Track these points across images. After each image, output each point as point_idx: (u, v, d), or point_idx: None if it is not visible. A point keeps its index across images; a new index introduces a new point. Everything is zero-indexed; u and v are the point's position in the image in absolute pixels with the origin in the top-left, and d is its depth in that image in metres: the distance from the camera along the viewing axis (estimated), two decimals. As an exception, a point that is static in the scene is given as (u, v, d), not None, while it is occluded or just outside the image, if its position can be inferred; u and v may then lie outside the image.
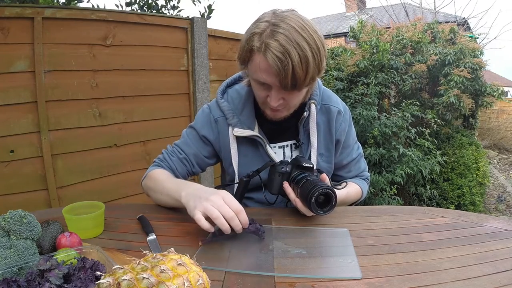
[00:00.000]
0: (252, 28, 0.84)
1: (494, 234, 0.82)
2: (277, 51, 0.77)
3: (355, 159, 1.13)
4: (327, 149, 1.06)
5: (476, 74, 3.71)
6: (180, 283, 0.47)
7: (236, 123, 1.01)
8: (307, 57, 0.79)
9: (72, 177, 1.93)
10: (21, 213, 0.69)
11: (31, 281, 0.56)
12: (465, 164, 3.70)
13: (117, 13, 2.17)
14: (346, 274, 0.66)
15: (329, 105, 1.05)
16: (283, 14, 0.83)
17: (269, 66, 0.80)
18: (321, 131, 1.04)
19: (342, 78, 3.86)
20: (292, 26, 0.79)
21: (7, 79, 1.69)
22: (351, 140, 1.12)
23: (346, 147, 1.10)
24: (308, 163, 0.92)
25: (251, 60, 0.85)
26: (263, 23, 0.82)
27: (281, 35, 0.78)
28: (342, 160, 1.11)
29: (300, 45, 0.78)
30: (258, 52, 0.82)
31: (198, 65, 2.50)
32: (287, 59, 0.77)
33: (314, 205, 0.82)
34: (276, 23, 0.80)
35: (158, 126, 2.33)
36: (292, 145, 1.06)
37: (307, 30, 0.80)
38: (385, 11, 8.44)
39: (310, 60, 0.79)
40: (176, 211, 1.07)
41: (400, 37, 3.96)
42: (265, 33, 0.80)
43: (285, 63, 0.78)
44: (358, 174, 1.16)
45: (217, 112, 1.05)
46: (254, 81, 0.90)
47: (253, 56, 0.84)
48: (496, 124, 7.65)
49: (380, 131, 3.11)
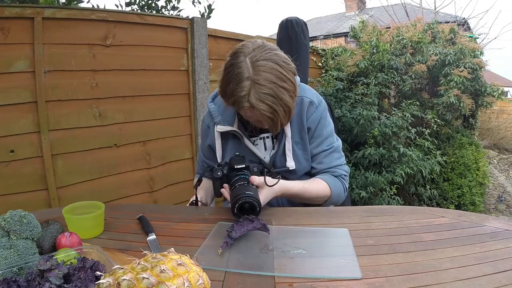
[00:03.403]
0: (235, 88, 0.92)
1: (494, 234, 0.82)
2: (267, 112, 0.92)
3: (326, 150, 1.13)
4: (301, 137, 1.12)
5: (476, 74, 3.71)
6: (180, 283, 0.47)
7: (219, 121, 1.14)
8: (290, 108, 0.95)
9: (72, 177, 1.93)
10: (21, 213, 0.69)
11: (31, 281, 0.56)
12: (465, 164, 3.69)
13: (117, 13, 2.17)
14: (346, 274, 0.66)
15: (302, 97, 1.11)
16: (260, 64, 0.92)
17: (260, 119, 0.97)
18: (295, 121, 1.11)
19: (342, 78, 3.86)
20: (272, 81, 0.91)
21: (7, 79, 1.69)
22: (324, 132, 1.13)
23: (317, 137, 1.13)
24: (240, 164, 1.00)
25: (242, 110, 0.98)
26: (245, 81, 0.91)
27: (266, 96, 0.91)
28: (313, 150, 1.13)
29: (284, 100, 0.93)
30: (250, 108, 0.94)
31: (198, 65, 2.50)
32: (276, 116, 0.94)
33: (238, 214, 0.88)
34: (257, 80, 0.91)
35: (158, 126, 2.33)
36: (272, 136, 1.15)
37: (284, 76, 0.93)
38: (385, 11, 8.44)
39: (291, 107, 0.96)
40: (176, 211, 1.07)
41: (400, 37, 3.95)
42: (251, 94, 0.91)
43: (274, 119, 0.94)
44: (329, 169, 1.13)
45: (208, 119, 1.19)
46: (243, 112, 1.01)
47: (245, 110, 0.97)
48: (496, 124, 7.65)
49: (380, 131, 3.11)
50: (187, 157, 2.53)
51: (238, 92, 0.92)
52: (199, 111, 2.53)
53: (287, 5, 55.18)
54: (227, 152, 1.15)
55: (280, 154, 1.10)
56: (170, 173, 2.41)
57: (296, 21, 2.17)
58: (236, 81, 0.92)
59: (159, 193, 2.36)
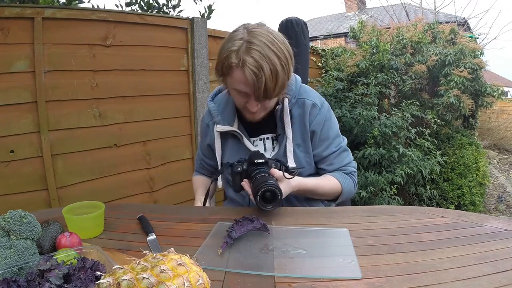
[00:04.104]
0: (229, 46, 0.94)
1: (494, 234, 0.82)
2: (253, 66, 0.90)
3: (335, 152, 1.14)
4: (303, 140, 1.12)
5: (476, 74, 3.71)
6: (180, 283, 0.47)
7: (219, 121, 1.14)
8: (276, 69, 0.91)
9: (72, 177, 1.93)
10: (21, 213, 0.69)
11: (31, 281, 0.56)
12: (465, 164, 3.69)
13: (117, 13, 2.17)
14: (346, 274, 0.66)
15: (304, 99, 1.12)
16: (255, 30, 0.94)
17: (246, 79, 0.92)
18: (296, 123, 1.11)
19: (342, 78, 3.86)
20: (264, 42, 0.91)
21: (7, 79, 1.69)
22: (331, 133, 1.14)
23: (324, 140, 1.13)
24: (260, 159, 1.00)
25: (230, 75, 0.96)
26: (238, 40, 0.93)
27: (255, 52, 0.90)
28: (322, 152, 1.14)
29: (271, 59, 0.90)
30: (236, 67, 0.93)
31: (198, 65, 2.50)
32: (260, 73, 0.90)
33: (261, 201, 0.90)
34: (250, 40, 0.92)
35: (158, 126, 2.33)
36: (272, 137, 1.15)
37: (276, 44, 0.92)
38: (385, 11, 8.43)
39: (279, 72, 0.92)
40: (176, 211, 1.07)
41: (400, 37, 3.95)
42: (241, 50, 0.91)
43: (259, 76, 0.90)
44: (341, 168, 1.16)
45: (208, 118, 1.20)
46: (233, 90, 1.00)
47: (232, 71, 0.94)
48: (496, 124, 7.65)
49: (380, 131, 3.11)
50: (187, 157, 2.53)
51: (229, 47, 0.93)
52: (199, 111, 2.53)
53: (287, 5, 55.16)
54: (226, 152, 1.15)
55: (281, 156, 1.10)
56: (170, 173, 2.41)
57: (296, 21, 2.17)
58: (230, 41, 0.95)
59: (159, 193, 2.36)
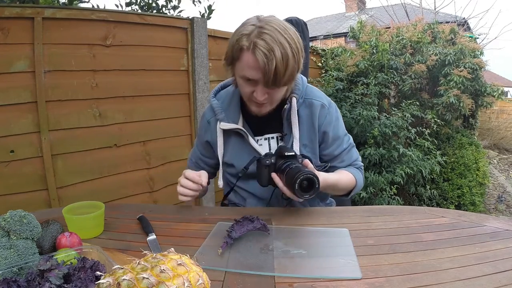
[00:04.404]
0: (240, 30, 0.94)
1: (494, 234, 0.82)
2: (264, 49, 0.88)
3: (346, 149, 1.17)
4: (310, 140, 1.12)
5: (476, 74, 3.71)
6: (180, 283, 0.47)
7: (223, 118, 1.11)
8: (287, 54, 0.89)
9: (72, 177, 1.93)
10: (21, 213, 0.69)
11: (31, 281, 0.56)
12: (465, 164, 3.69)
13: (117, 13, 2.16)
14: (346, 274, 0.66)
15: (312, 99, 1.11)
16: (267, 18, 0.94)
17: (257, 62, 0.90)
18: (304, 123, 1.10)
19: (342, 78, 3.85)
20: (275, 28, 0.90)
21: (7, 79, 1.68)
22: (340, 132, 1.16)
23: (336, 139, 1.15)
24: (290, 152, 0.98)
25: (240, 59, 0.94)
26: (250, 26, 0.92)
27: (266, 36, 0.89)
28: (334, 151, 1.15)
29: (283, 44, 0.89)
30: (247, 50, 0.91)
31: (198, 65, 2.50)
32: (271, 55, 0.88)
33: (299, 190, 0.88)
34: (262, 26, 0.91)
35: (158, 126, 2.33)
36: (277, 137, 1.13)
37: (288, 33, 0.91)
38: (385, 11, 8.43)
39: (290, 58, 0.90)
40: (176, 211, 1.07)
41: (400, 37, 3.95)
42: (252, 34, 0.90)
43: (270, 59, 0.88)
44: (352, 163, 1.19)
45: (209, 114, 1.17)
46: (241, 78, 0.98)
47: (242, 54, 0.93)
48: (496, 124, 7.65)
49: (380, 131, 3.11)
50: (187, 157, 2.52)
51: (241, 31, 0.93)
52: (199, 111, 2.53)
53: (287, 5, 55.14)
54: (229, 150, 1.14)
55: None
56: (170, 173, 2.41)
57: (296, 21, 2.17)
58: (242, 26, 0.95)
59: (159, 193, 2.36)
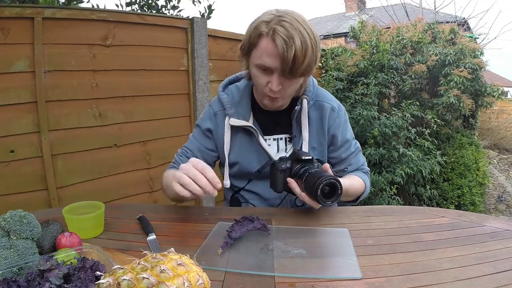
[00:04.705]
0: (259, 18, 0.94)
1: (494, 234, 0.82)
2: (284, 35, 0.87)
3: (353, 152, 1.17)
4: (319, 143, 1.11)
5: (476, 74, 3.71)
6: (180, 283, 0.47)
7: (233, 114, 1.08)
8: (307, 43, 0.88)
9: (72, 177, 1.93)
10: (21, 213, 0.69)
11: (31, 281, 0.56)
12: (465, 164, 3.70)
13: (117, 13, 2.16)
14: (346, 274, 0.66)
15: (323, 102, 1.10)
16: (286, 10, 0.94)
17: (275, 48, 0.88)
18: (313, 126, 1.09)
19: (342, 78, 3.86)
20: (295, 18, 0.90)
21: (7, 79, 1.68)
22: (349, 135, 1.17)
23: (344, 142, 1.15)
24: (307, 156, 0.95)
25: (257, 46, 0.93)
26: (269, 15, 0.92)
27: (286, 23, 0.88)
28: (341, 154, 1.15)
29: (302, 33, 0.88)
30: (265, 36, 0.90)
31: (198, 65, 2.50)
32: (291, 42, 0.86)
33: (321, 196, 0.84)
34: (281, 15, 0.91)
35: (158, 126, 2.33)
36: (286, 138, 1.11)
37: (306, 24, 0.91)
38: (385, 11, 8.43)
39: (309, 47, 0.89)
40: (176, 211, 1.07)
41: (400, 37, 3.95)
42: (272, 21, 0.90)
43: (289, 45, 0.86)
44: (359, 168, 1.19)
45: (217, 106, 1.13)
46: (256, 67, 0.95)
47: (261, 40, 0.92)
48: (496, 124, 7.65)
49: (380, 131, 3.11)
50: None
51: (260, 18, 0.93)
52: (199, 111, 2.53)
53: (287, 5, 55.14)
54: (235, 148, 1.10)
55: None
56: (170, 173, 2.40)
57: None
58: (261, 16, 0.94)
59: (159, 193, 2.35)
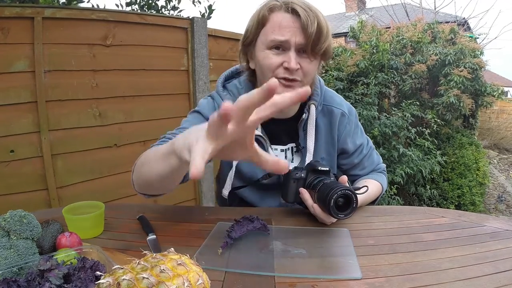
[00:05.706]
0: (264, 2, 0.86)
1: (494, 234, 0.82)
2: (304, 5, 0.81)
3: (366, 155, 1.10)
4: (328, 153, 1.04)
5: (476, 74, 3.71)
6: (180, 283, 0.47)
7: None
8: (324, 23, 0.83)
9: (72, 177, 1.93)
10: (21, 213, 0.69)
11: (31, 281, 0.56)
12: (465, 164, 3.70)
13: (117, 13, 2.16)
14: (346, 274, 0.66)
15: (332, 107, 1.03)
16: None
17: (295, 20, 0.81)
18: (322, 134, 1.02)
19: (342, 78, 3.86)
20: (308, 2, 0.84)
21: (7, 79, 1.68)
22: (360, 140, 1.10)
23: (356, 147, 1.08)
24: (324, 167, 0.89)
25: (268, 21, 0.85)
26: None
27: (300, 2, 0.83)
28: (354, 160, 1.09)
29: (317, 12, 0.83)
30: (279, 9, 0.83)
31: (198, 65, 2.50)
32: (312, 11, 0.81)
33: (334, 208, 0.78)
34: None
35: (158, 126, 2.33)
36: (293, 148, 1.04)
37: (319, 10, 0.84)
38: (385, 11, 8.43)
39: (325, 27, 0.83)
40: (176, 211, 1.07)
41: (400, 37, 3.96)
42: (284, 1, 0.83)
43: (310, 15, 0.80)
44: (374, 168, 1.12)
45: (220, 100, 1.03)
46: (267, 47, 0.86)
47: (273, 14, 0.84)
48: (496, 124, 7.65)
49: (380, 131, 3.12)
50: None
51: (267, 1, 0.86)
52: (199, 111, 2.53)
53: (287, 5, 54.66)
54: None
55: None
56: (170, 173, 2.40)
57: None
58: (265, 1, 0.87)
59: (159, 193, 2.35)
